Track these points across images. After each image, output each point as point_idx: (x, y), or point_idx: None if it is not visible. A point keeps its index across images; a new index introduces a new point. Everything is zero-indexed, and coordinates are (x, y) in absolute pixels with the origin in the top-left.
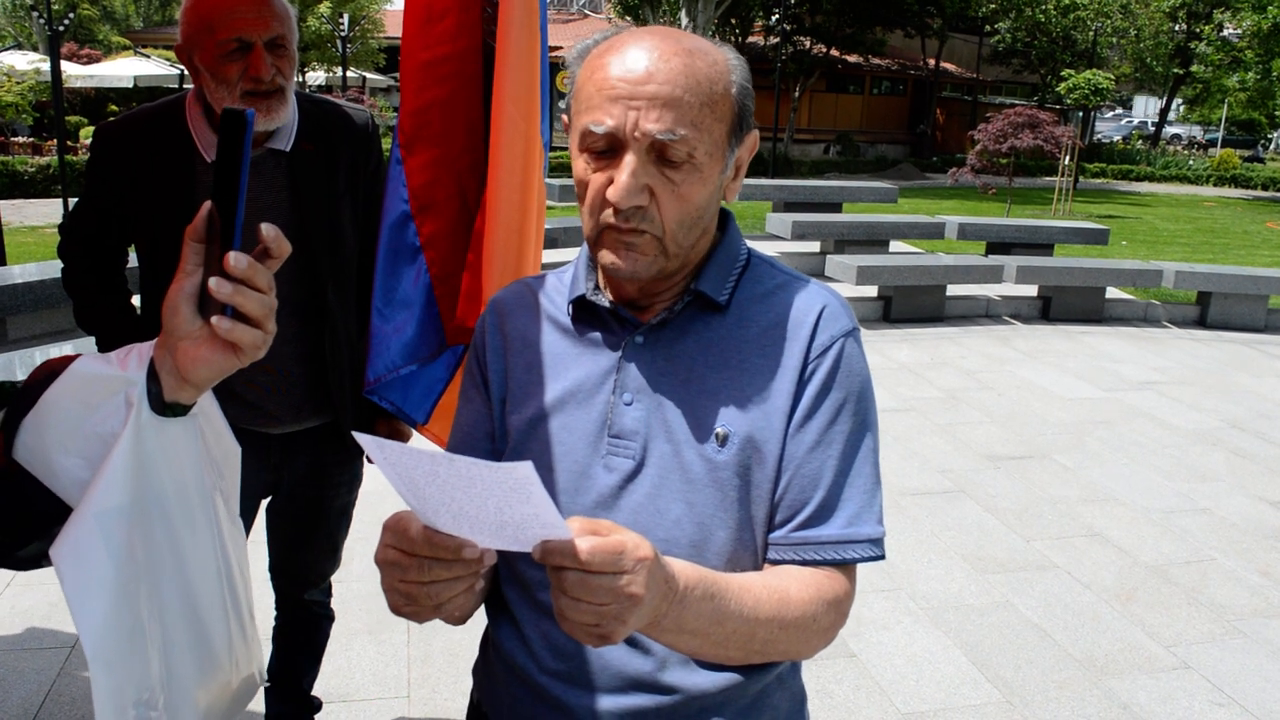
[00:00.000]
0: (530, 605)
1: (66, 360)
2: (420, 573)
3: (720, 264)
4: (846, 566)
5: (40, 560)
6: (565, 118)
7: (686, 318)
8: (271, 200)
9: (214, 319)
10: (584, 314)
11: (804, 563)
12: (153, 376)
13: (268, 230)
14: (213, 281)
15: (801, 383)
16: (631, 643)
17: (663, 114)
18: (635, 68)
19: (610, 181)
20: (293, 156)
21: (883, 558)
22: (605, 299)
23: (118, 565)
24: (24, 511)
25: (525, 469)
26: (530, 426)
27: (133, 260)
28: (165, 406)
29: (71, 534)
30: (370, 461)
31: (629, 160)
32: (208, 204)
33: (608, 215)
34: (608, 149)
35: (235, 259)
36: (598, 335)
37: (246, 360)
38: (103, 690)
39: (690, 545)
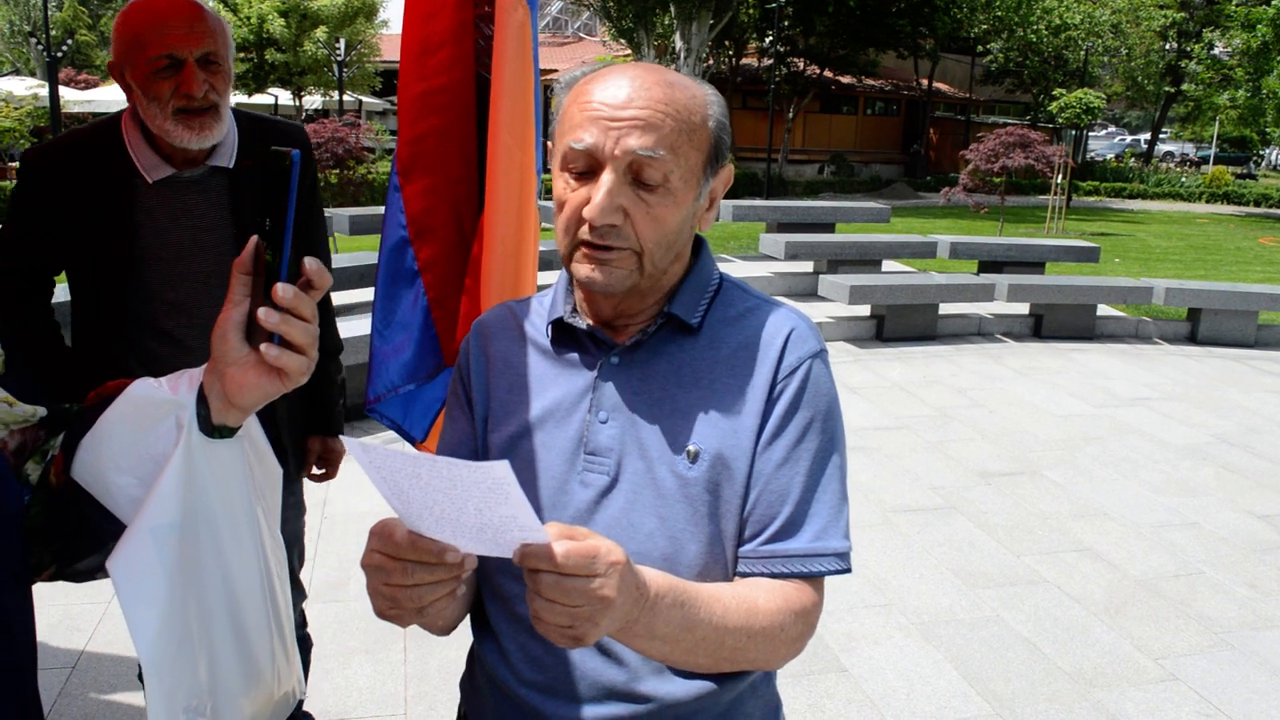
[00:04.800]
0: (509, 619)
1: (122, 384)
2: (404, 576)
3: (693, 288)
4: (814, 579)
5: (96, 573)
6: (549, 143)
7: (660, 339)
8: (215, 218)
9: (262, 346)
10: (562, 335)
11: (773, 575)
12: (202, 400)
13: (310, 263)
14: (262, 311)
15: (770, 402)
16: (606, 653)
17: (643, 135)
18: (618, 93)
19: (588, 200)
20: (234, 173)
21: (849, 571)
22: (583, 321)
23: (170, 578)
24: (81, 526)
25: (502, 468)
26: (511, 444)
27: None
28: (214, 429)
29: (127, 547)
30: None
31: (606, 178)
32: (254, 239)
33: (583, 232)
34: (586, 169)
35: (283, 290)
36: (575, 356)
37: (290, 385)
38: (155, 695)
39: (662, 558)
